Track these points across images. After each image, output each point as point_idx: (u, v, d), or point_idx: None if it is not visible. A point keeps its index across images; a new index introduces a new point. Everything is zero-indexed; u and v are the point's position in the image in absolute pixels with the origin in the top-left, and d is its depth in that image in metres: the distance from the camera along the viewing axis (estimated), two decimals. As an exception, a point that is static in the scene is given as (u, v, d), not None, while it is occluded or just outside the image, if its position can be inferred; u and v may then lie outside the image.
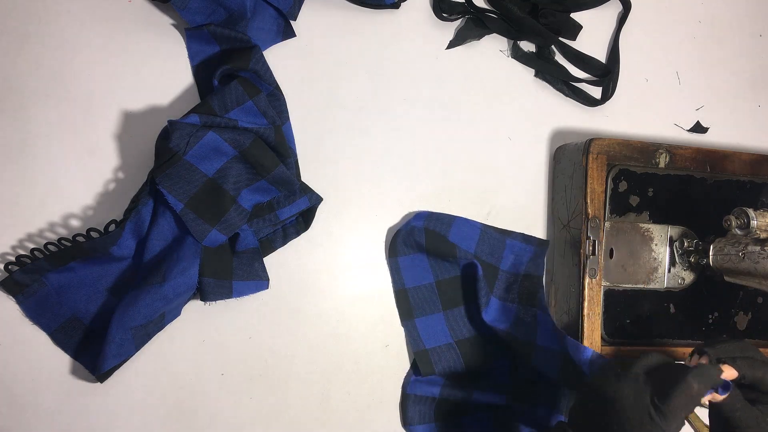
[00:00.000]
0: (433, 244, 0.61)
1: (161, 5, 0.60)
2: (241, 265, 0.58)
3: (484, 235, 0.63)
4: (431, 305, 0.63)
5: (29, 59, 0.57)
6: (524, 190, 0.68)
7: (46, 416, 0.56)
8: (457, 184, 0.66)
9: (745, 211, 0.57)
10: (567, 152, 0.66)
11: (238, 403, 0.60)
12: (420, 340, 0.62)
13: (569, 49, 0.69)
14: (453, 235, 0.62)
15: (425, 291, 0.63)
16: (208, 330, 0.60)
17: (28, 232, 0.56)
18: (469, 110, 0.67)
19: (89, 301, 0.56)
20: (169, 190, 0.53)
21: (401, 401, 0.63)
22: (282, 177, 0.57)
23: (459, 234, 0.62)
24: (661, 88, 0.72)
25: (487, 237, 0.63)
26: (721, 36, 0.74)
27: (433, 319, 0.63)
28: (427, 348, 0.62)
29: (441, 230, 0.61)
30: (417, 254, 0.63)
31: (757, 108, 0.75)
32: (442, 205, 0.65)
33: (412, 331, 0.62)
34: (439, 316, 0.63)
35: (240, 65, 0.56)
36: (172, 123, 0.53)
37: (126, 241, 0.55)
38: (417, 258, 0.63)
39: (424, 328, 0.63)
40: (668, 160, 0.64)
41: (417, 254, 0.63)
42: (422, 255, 0.63)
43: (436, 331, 0.63)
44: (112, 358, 0.53)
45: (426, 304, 0.63)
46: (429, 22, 0.66)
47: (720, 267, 0.59)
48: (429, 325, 0.63)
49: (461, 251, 0.61)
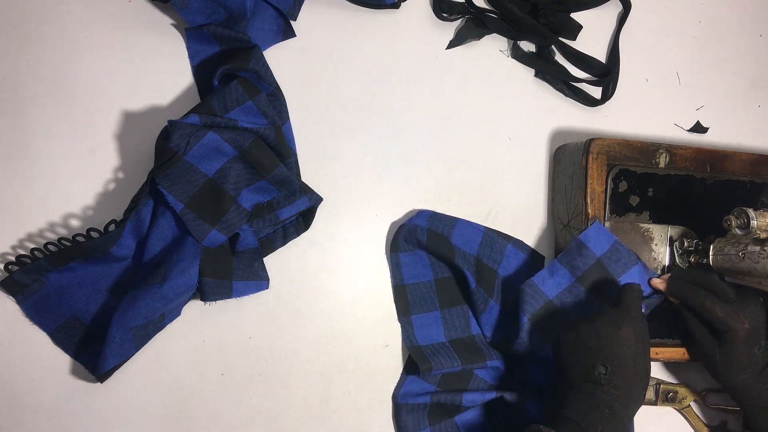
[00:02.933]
0: (434, 245, 0.61)
1: (161, 5, 0.60)
2: (241, 265, 0.58)
3: (487, 238, 0.63)
4: (429, 303, 0.63)
5: (29, 59, 0.57)
6: (524, 190, 0.68)
7: (46, 416, 0.56)
8: (457, 184, 0.66)
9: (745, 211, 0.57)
10: (567, 152, 0.66)
11: (238, 403, 0.60)
12: (414, 336, 0.62)
13: (569, 49, 0.69)
14: (455, 238, 0.62)
15: (424, 288, 0.63)
16: (208, 330, 0.60)
17: (28, 232, 0.56)
18: (469, 110, 0.67)
19: (89, 301, 0.56)
20: (169, 190, 0.53)
21: (394, 412, 0.63)
22: (282, 177, 0.57)
23: (462, 237, 0.62)
24: (661, 88, 0.72)
25: (489, 240, 0.63)
26: (721, 36, 0.74)
27: (429, 317, 0.63)
28: (421, 345, 0.62)
29: (444, 232, 0.62)
30: (418, 251, 0.63)
31: (757, 108, 0.75)
32: (442, 205, 0.65)
33: (408, 327, 0.63)
34: (435, 314, 0.63)
35: (240, 65, 0.56)
36: (172, 123, 0.53)
37: (126, 241, 0.55)
38: (418, 255, 0.63)
39: (420, 326, 0.63)
40: (668, 160, 0.64)
41: (418, 251, 0.63)
42: (423, 252, 0.63)
43: (431, 328, 0.63)
44: (112, 358, 0.53)
45: (423, 302, 0.63)
46: (429, 22, 0.66)
47: (720, 267, 0.59)
48: (425, 322, 0.63)
49: (462, 254, 0.62)
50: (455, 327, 0.63)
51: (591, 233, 0.60)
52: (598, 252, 0.60)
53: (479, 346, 0.63)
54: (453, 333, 0.63)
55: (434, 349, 0.62)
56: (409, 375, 0.63)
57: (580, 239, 0.60)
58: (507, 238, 0.64)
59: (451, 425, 0.61)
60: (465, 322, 0.64)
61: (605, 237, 0.60)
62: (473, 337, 0.64)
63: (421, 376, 0.62)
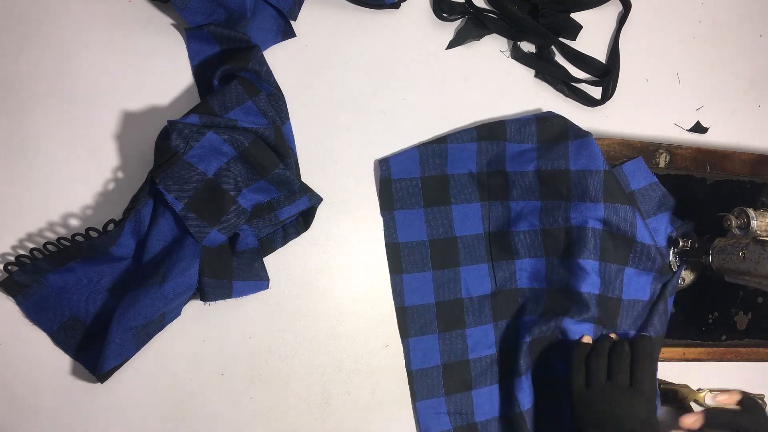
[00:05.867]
0: (431, 184, 0.63)
1: (161, 5, 0.60)
2: (241, 265, 0.58)
3: (480, 149, 0.64)
4: (421, 264, 0.64)
5: (29, 59, 0.57)
6: (524, 190, 0.68)
7: (46, 416, 0.56)
8: (457, 184, 0.66)
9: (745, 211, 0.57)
10: (567, 152, 0.66)
11: (238, 403, 0.60)
12: (402, 295, 0.63)
13: (569, 49, 0.69)
14: (450, 166, 0.63)
15: (418, 248, 0.64)
16: (208, 330, 0.60)
17: (28, 232, 0.56)
18: (469, 110, 0.67)
19: (89, 302, 0.56)
20: (168, 189, 0.53)
21: (409, 381, 0.64)
22: (282, 177, 0.57)
23: (456, 163, 0.63)
24: (661, 88, 0.72)
25: (484, 150, 0.64)
26: (721, 36, 0.74)
27: (420, 278, 0.64)
28: (407, 306, 0.63)
29: (438, 171, 0.63)
30: (415, 210, 0.64)
31: (757, 108, 0.75)
32: (442, 205, 0.65)
33: (398, 285, 0.63)
34: (427, 275, 0.64)
35: (240, 65, 0.56)
36: (172, 123, 0.53)
37: (125, 241, 0.55)
38: (415, 213, 0.64)
39: (410, 284, 0.63)
40: (668, 160, 0.64)
41: (415, 210, 0.64)
42: (419, 210, 0.64)
43: (422, 290, 0.64)
44: (112, 359, 0.53)
45: (416, 262, 0.64)
46: (429, 22, 0.66)
47: (720, 267, 0.59)
48: (415, 284, 0.64)
49: (459, 179, 0.63)
50: (445, 290, 0.64)
51: (631, 166, 0.62)
52: (634, 186, 0.62)
53: (462, 314, 0.64)
54: (441, 296, 0.64)
55: (418, 311, 0.63)
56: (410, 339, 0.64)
57: (621, 168, 0.61)
58: (503, 135, 0.64)
59: (467, 397, 0.63)
60: (456, 286, 0.64)
61: (644, 174, 0.62)
62: (461, 300, 0.64)
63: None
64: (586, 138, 0.60)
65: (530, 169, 0.62)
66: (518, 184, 0.63)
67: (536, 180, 0.62)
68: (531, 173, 0.62)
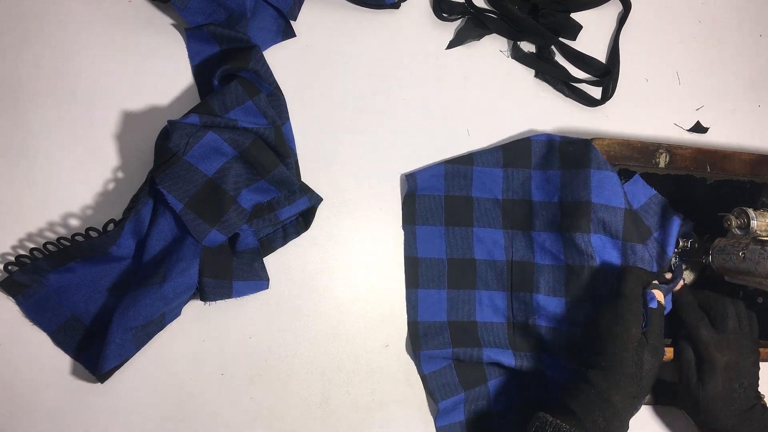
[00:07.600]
0: (454, 204, 0.63)
1: (161, 5, 0.60)
2: (241, 265, 0.58)
3: (507, 176, 0.64)
4: (438, 281, 0.64)
5: (29, 59, 0.57)
6: (524, 190, 0.68)
7: (46, 416, 0.56)
8: (457, 184, 0.66)
9: (745, 211, 0.57)
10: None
11: (238, 403, 0.60)
12: (417, 309, 0.63)
13: (569, 49, 0.69)
14: (475, 189, 0.64)
15: (436, 265, 0.64)
16: (208, 330, 0.60)
17: (28, 232, 0.56)
18: (469, 110, 0.67)
19: (89, 302, 0.56)
20: (168, 189, 0.53)
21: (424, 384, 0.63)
22: (282, 177, 0.57)
23: (481, 187, 0.64)
24: (661, 88, 0.72)
25: (510, 177, 0.64)
26: (721, 36, 0.74)
27: (435, 295, 0.63)
28: (419, 321, 0.63)
29: (462, 192, 0.64)
30: (436, 227, 0.64)
31: (757, 108, 0.75)
32: (442, 205, 0.65)
33: (413, 299, 0.63)
34: (442, 293, 0.64)
35: (240, 65, 0.56)
36: (171, 123, 0.53)
37: (125, 241, 0.55)
38: (436, 231, 0.64)
39: (424, 300, 0.63)
40: (668, 160, 0.64)
41: (436, 227, 0.64)
42: (440, 228, 0.64)
43: (435, 307, 0.63)
44: (112, 359, 0.53)
45: (433, 278, 0.64)
46: (429, 22, 0.66)
47: (720, 267, 0.59)
48: (429, 298, 0.63)
49: (483, 203, 0.64)
50: (459, 311, 0.64)
51: (630, 186, 0.62)
52: (636, 204, 0.62)
53: (477, 336, 0.63)
54: (454, 315, 0.63)
55: (430, 327, 0.63)
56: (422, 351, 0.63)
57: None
58: (527, 161, 0.64)
59: (485, 393, 0.63)
60: (470, 308, 0.64)
61: (643, 190, 0.62)
62: (475, 323, 0.64)
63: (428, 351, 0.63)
64: (608, 171, 0.61)
65: (555, 200, 0.62)
66: (541, 214, 0.63)
67: (559, 212, 0.62)
68: (555, 204, 0.62)
